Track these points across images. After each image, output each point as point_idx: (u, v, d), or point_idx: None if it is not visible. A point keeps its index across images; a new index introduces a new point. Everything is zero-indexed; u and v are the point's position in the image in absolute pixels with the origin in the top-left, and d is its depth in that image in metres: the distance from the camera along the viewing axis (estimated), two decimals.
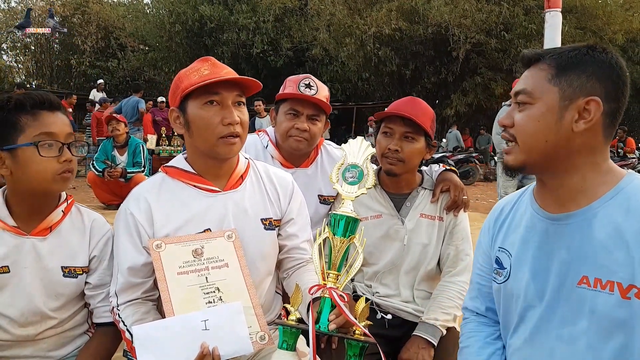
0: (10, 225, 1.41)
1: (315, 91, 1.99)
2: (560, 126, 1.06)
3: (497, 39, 14.78)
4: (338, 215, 1.29)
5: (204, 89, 1.39)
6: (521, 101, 1.12)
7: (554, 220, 1.13)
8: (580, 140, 1.06)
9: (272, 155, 2.12)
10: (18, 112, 1.35)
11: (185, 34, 18.71)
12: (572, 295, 1.08)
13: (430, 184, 1.98)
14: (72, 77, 21.96)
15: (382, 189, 1.97)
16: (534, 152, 1.10)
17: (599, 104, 1.04)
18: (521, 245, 1.20)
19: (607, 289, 1.02)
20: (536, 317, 1.15)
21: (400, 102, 1.92)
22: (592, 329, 1.05)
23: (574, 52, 1.08)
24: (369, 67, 16.99)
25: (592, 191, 1.09)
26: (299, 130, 1.99)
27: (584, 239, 1.07)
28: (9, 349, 1.42)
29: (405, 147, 1.84)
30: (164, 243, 1.34)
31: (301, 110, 1.99)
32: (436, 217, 1.92)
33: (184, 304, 1.27)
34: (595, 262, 1.05)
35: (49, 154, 1.36)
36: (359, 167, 1.37)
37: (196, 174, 1.49)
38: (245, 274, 1.36)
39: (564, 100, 1.06)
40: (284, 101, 2.04)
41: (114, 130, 6.22)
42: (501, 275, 1.25)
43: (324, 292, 1.26)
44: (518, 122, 1.12)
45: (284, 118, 2.02)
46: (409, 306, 1.90)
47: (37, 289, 1.42)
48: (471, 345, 1.33)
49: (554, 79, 1.07)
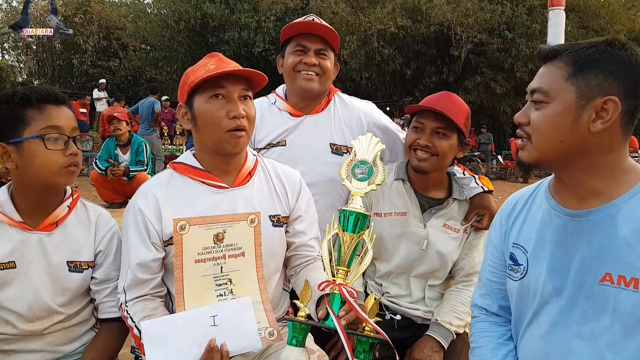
0: (17, 221, 1.41)
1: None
2: (576, 126, 1.04)
3: (500, 38, 14.76)
4: (348, 212, 1.29)
5: (209, 83, 1.38)
6: (537, 99, 1.09)
7: (573, 217, 1.11)
8: (598, 140, 1.04)
9: (280, 107, 2.01)
10: (24, 106, 1.36)
11: (187, 33, 18.71)
12: (593, 293, 1.06)
13: (459, 194, 1.89)
14: (74, 76, 21.94)
15: (411, 187, 1.88)
16: (548, 151, 1.08)
17: (617, 103, 1.01)
18: (537, 241, 1.18)
19: (631, 287, 1.00)
20: (553, 313, 1.13)
21: (433, 97, 1.83)
22: (615, 327, 1.03)
23: (592, 49, 1.05)
24: (371, 66, 16.98)
25: (614, 188, 1.06)
26: (307, 66, 1.88)
27: (606, 235, 1.05)
28: (17, 343, 1.42)
29: (436, 143, 1.75)
30: (188, 224, 1.31)
31: (308, 45, 1.89)
32: (460, 230, 1.86)
33: (196, 296, 1.27)
34: (619, 259, 1.03)
35: (55, 147, 1.37)
36: (369, 163, 1.36)
37: (204, 170, 1.48)
38: (258, 265, 1.36)
39: (581, 100, 1.03)
40: (290, 42, 1.93)
41: (116, 129, 6.22)
42: (517, 272, 1.22)
43: (334, 288, 1.26)
44: (533, 121, 1.09)
45: (290, 56, 1.91)
46: (418, 309, 1.87)
47: (43, 284, 1.42)
48: (485, 346, 1.31)
49: (571, 77, 1.04)
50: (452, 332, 1.76)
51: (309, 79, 1.89)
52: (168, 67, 20.28)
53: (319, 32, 1.88)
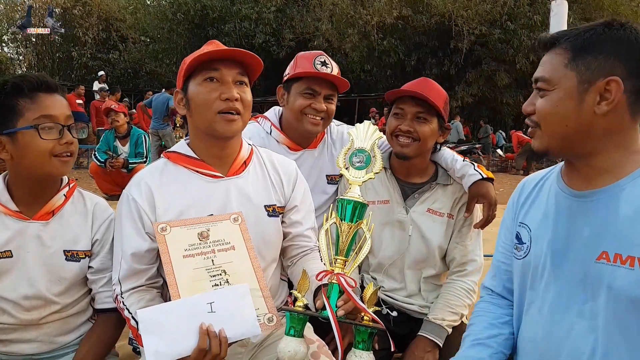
0: (13, 210, 1.40)
1: (331, 69, 1.90)
2: (580, 110, 1.04)
3: (501, 29, 14.68)
4: (345, 200, 1.27)
5: (203, 66, 1.38)
6: (540, 87, 1.11)
7: (578, 197, 1.12)
8: (605, 121, 1.04)
9: (278, 139, 2.03)
10: (16, 96, 1.34)
11: (186, 25, 18.65)
12: (590, 271, 1.07)
13: (445, 179, 1.88)
14: (73, 69, 21.89)
15: (393, 175, 1.90)
16: (555, 136, 1.09)
17: (619, 83, 1.01)
18: (542, 220, 1.19)
19: (627, 264, 1.00)
20: (554, 292, 1.14)
21: (412, 83, 1.84)
22: (610, 305, 1.03)
23: (590, 32, 1.05)
24: (372, 58, 16.93)
25: (619, 169, 1.06)
26: (316, 111, 1.90)
27: (608, 215, 1.05)
28: (14, 333, 1.42)
29: (417, 128, 1.76)
30: (169, 226, 1.33)
31: (319, 89, 1.89)
32: (445, 214, 1.85)
33: (190, 287, 1.26)
34: (617, 237, 1.03)
35: (50, 137, 1.35)
36: (366, 151, 1.34)
37: (198, 159, 1.47)
38: (252, 256, 1.35)
39: (583, 84, 1.04)
40: (297, 80, 1.93)
41: (113, 121, 6.20)
42: (520, 251, 1.23)
43: (332, 278, 1.25)
44: (538, 109, 1.11)
45: (299, 98, 1.91)
46: (414, 302, 1.86)
47: (40, 273, 1.41)
48: (476, 324, 1.31)
49: (571, 63, 1.05)
50: (445, 327, 1.74)
51: (315, 124, 1.92)
52: (168, 59, 20.23)
53: (331, 80, 1.91)
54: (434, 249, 1.84)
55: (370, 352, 1.21)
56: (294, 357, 1.19)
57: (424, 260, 1.86)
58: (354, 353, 1.21)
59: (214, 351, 1.16)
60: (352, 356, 1.21)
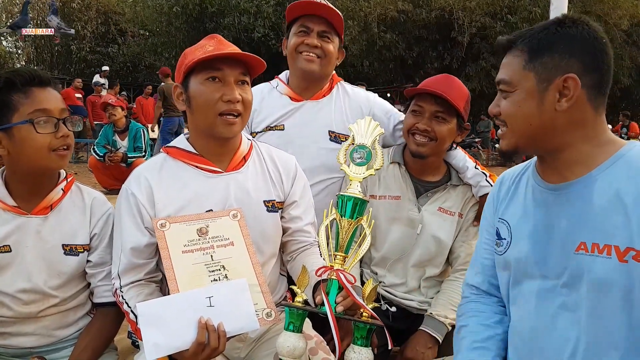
0: (11, 205, 1.41)
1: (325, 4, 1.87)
2: (542, 108, 1.07)
3: (502, 22, 14.63)
4: (346, 197, 1.28)
5: (206, 65, 1.36)
6: (502, 89, 1.14)
7: (554, 191, 1.13)
8: (566, 117, 1.07)
9: (281, 91, 2.00)
10: (9, 91, 1.34)
11: (185, 19, 18.53)
12: (570, 263, 1.07)
13: (457, 179, 1.87)
14: (72, 62, 21.79)
15: (407, 171, 1.87)
16: (522, 135, 1.12)
17: (575, 80, 1.04)
18: (521, 216, 1.20)
19: (605, 253, 1.02)
20: (537, 287, 1.14)
21: (433, 79, 1.81)
22: (592, 295, 1.04)
23: (544, 32, 1.09)
24: (372, 52, 16.85)
25: (590, 160, 1.08)
26: (308, 47, 1.87)
27: (583, 206, 1.07)
28: (13, 326, 1.42)
29: (435, 127, 1.73)
30: (168, 222, 1.33)
31: (311, 26, 1.88)
32: (456, 214, 1.84)
33: (189, 282, 1.27)
34: (594, 227, 1.04)
35: (45, 130, 1.35)
36: (367, 147, 1.34)
37: (198, 155, 1.47)
38: (251, 252, 1.35)
39: (542, 83, 1.07)
40: (294, 23, 1.92)
41: (111, 115, 6.18)
42: (500, 246, 1.24)
43: (331, 274, 1.25)
44: (503, 110, 1.14)
45: (293, 37, 1.90)
46: (413, 298, 1.86)
47: (39, 268, 1.42)
48: (470, 325, 1.30)
49: (528, 64, 1.08)
50: (447, 325, 1.74)
51: (309, 60, 1.87)
52: (167, 52, 20.12)
53: (324, 14, 1.86)
54: (443, 247, 1.84)
55: (369, 348, 1.22)
56: (293, 353, 1.19)
57: (429, 259, 1.86)
58: (352, 349, 1.22)
59: (212, 345, 1.16)
60: (350, 352, 1.21)
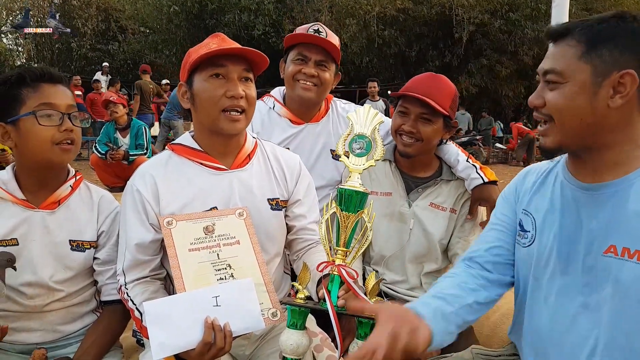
0: (20, 199, 1.42)
1: (325, 36, 1.91)
2: (595, 104, 1.03)
3: (503, 19, 14.56)
4: (346, 190, 1.24)
5: (209, 62, 1.37)
6: (551, 80, 1.07)
7: (586, 190, 1.11)
8: (617, 115, 1.04)
9: (280, 113, 2.04)
10: (19, 86, 1.37)
11: (184, 16, 18.46)
12: (596, 264, 1.06)
13: (449, 174, 1.88)
14: (72, 60, 21.72)
15: (397, 168, 1.90)
16: (571, 131, 1.06)
17: (634, 76, 1.00)
18: (548, 211, 1.18)
19: (635, 259, 1.00)
20: (559, 283, 1.13)
21: (418, 80, 1.81)
22: (616, 298, 1.03)
23: (604, 24, 1.04)
24: (372, 49, 16.79)
25: (629, 163, 1.06)
26: (306, 76, 1.91)
27: (616, 208, 1.05)
28: (18, 321, 1.43)
29: (420, 128, 1.75)
30: (175, 220, 1.34)
31: (309, 55, 1.92)
32: (448, 209, 1.85)
33: (195, 281, 1.27)
34: (626, 231, 1.03)
35: (49, 124, 1.37)
36: (367, 137, 1.30)
37: (202, 152, 1.47)
38: (257, 251, 1.36)
39: (597, 77, 1.02)
40: (293, 49, 1.96)
41: (112, 113, 6.17)
42: (524, 238, 1.22)
43: (333, 269, 1.24)
44: (550, 102, 1.07)
45: (291, 64, 1.95)
46: (415, 295, 1.85)
47: (45, 262, 1.43)
48: (441, 282, 1.24)
49: (585, 55, 1.03)
50: None
51: (306, 89, 1.93)
52: (167, 50, 20.06)
53: (322, 44, 1.90)
54: (435, 243, 1.84)
55: None
56: (296, 350, 1.20)
57: (425, 254, 1.86)
58: (356, 344, 1.21)
59: (218, 345, 1.17)
60: (354, 347, 1.21)
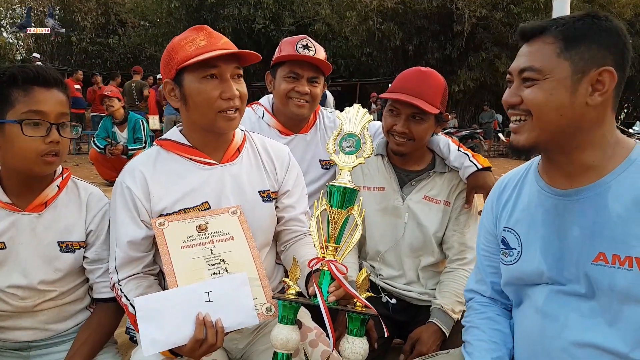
0: (5, 202, 1.39)
1: (314, 52, 1.92)
2: (574, 100, 1.02)
3: (503, 12, 14.48)
4: (335, 187, 1.25)
5: (202, 62, 1.34)
6: (528, 77, 1.06)
7: (563, 197, 1.09)
8: (594, 113, 1.03)
9: (269, 124, 2.07)
10: (10, 86, 1.30)
11: (184, 10, 18.41)
12: (588, 272, 1.05)
13: (442, 167, 1.87)
14: (72, 53, 21.69)
15: (390, 162, 1.89)
16: (549, 128, 1.05)
17: (612, 73, 1.00)
18: (529, 224, 1.17)
19: (626, 265, 0.99)
20: (549, 291, 1.12)
21: (406, 78, 1.78)
22: (612, 304, 1.02)
23: (580, 22, 1.04)
24: (373, 43, 16.75)
25: (602, 165, 1.05)
26: (299, 94, 1.94)
27: (598, 214, 1.04)
28: (9, 320, 1.41)
29: (412, 128, 1.74)
30: (167, 221, 1.32)
31: (301, 72, 1.93)
32: (442, 202, 1.84)
33: (188, 276, 1.25)
34: (612, 237, 1.01)
35: (35, 134, 1.30)
36: (356, 135, 1.32)
37: (192, 147, 1.46)
38: (252, 246, 1.35)
39: (577, 74, 1.01)
40: (281, 65, 1.98)
41: (108, 107, 6.18)
42: (508, 256, 1.21)
43: (323, 265, 1.24)
44: (528, 98, 1.05)
45: (282, 82, 1.96)
46: (413, 290, 1.86)
47: (34, 265, 1.40)
48: (481, 327, 1.27)
49: (564, 52, 1.02)
50: (454, 319, 1.74)
51: (300, 106, 1.96)
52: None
53: (313, 62, 1.92)
54: (430, 236, 1.84)
55: (364, 338, 1.21)
56: (287, 345, 1.19)
57: (420, 247, 1.86)
58: (347, 339, 1.21)
59: (210, 341, 1.16)
60: (345, 342, 1.21)
